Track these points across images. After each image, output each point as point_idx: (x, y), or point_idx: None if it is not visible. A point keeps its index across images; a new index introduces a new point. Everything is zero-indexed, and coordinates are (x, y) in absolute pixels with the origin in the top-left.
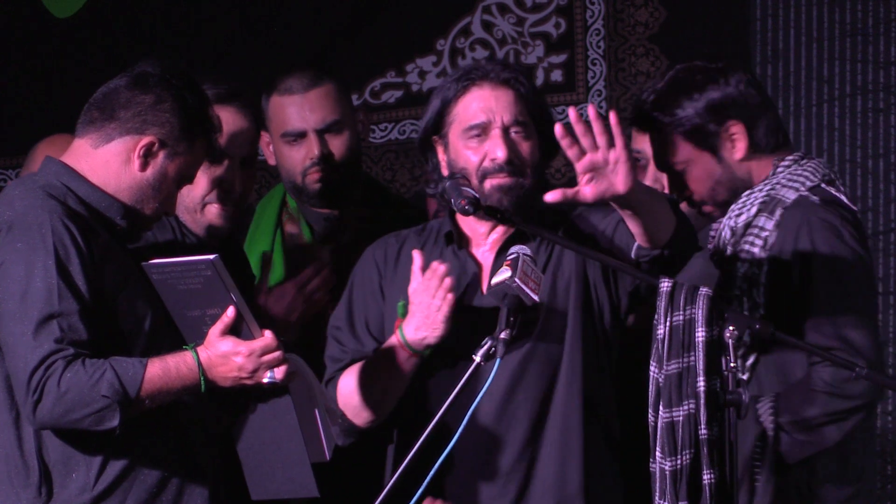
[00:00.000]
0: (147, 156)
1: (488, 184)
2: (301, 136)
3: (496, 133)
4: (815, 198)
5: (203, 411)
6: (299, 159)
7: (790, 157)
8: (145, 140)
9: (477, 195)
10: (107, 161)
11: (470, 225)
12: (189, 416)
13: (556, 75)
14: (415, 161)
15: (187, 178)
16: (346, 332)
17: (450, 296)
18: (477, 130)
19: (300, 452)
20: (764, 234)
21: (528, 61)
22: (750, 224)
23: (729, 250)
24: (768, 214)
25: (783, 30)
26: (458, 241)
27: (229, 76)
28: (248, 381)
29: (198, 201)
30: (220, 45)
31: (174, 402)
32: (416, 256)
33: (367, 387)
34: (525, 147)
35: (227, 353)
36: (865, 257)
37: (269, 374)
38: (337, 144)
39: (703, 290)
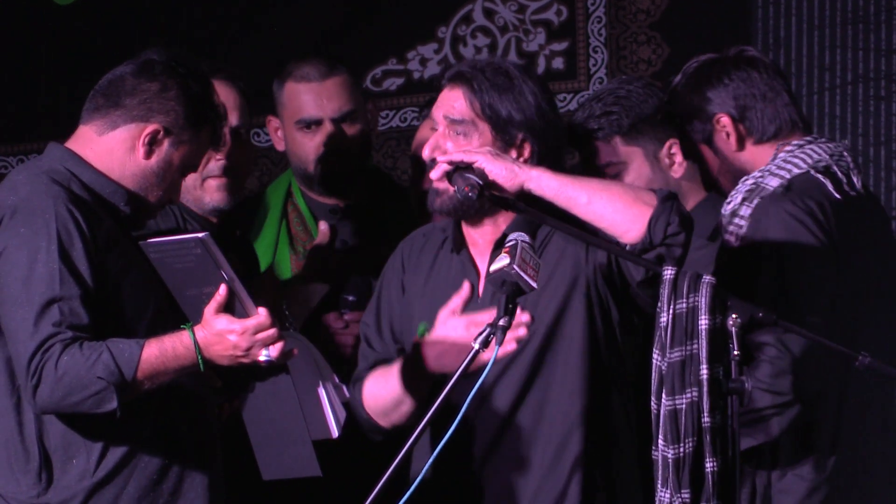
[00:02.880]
0: (152, 143)
1: None
2: (317, 123)
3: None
4: (784, 187)
5: (205, 398)
6: (313, 147)
7: (795, 142)
8: (150, 128)
9: (481, 182)
10: (111, 148)
11: (465, 227)
12: (191, 402)
13: (558, 63)
14: None
15: (192, 166)
16: (374, 331)
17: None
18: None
19: (301, 431)
20: (742, 223)
21: (529, 49)
22: (735, 213)
23: (720, 238)
24: (749, 203)
25: (784, 17)
26: (458, 245)
27: (230, 63)
28: (245, 360)
29: (196, 176)
30: (221, 31)
31: (176, 388)
32: (466, 287)
33: (387, 392)
34: (455, 146)
35: (222, 331)
36: (828, 248)
37: (264, 352)
38: (350, 134)
39: (707, 278)
